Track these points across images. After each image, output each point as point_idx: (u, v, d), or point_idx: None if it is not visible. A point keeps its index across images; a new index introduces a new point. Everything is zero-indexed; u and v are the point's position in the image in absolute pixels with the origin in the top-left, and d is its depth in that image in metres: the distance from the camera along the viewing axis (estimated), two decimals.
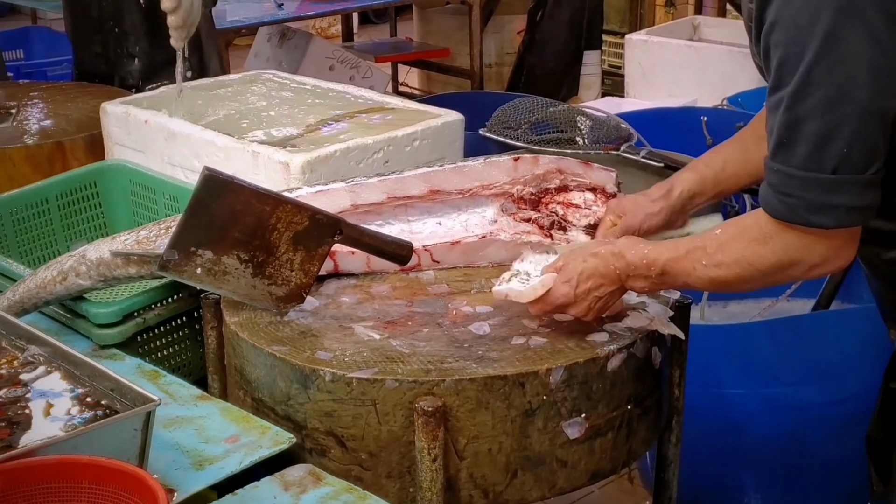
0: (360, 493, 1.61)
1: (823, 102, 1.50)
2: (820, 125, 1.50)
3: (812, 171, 1.53)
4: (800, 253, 1.60)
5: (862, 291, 2.92)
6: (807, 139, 1.52)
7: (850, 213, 1.55)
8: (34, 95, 3.20)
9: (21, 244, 2.37)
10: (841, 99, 1.49)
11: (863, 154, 1.51)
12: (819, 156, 1.52)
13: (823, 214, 1.54)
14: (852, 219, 1.56)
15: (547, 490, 1.75)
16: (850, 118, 1.49)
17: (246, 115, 2.61)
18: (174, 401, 1.81)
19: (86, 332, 1.99)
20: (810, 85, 1.50)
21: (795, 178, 1.54)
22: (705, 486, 2.75)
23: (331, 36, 8.40)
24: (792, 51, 1.51)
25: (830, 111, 1.50)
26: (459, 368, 1.69)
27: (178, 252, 1.78)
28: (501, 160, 2.03)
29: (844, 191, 1.53)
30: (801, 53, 1.49)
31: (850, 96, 1.49)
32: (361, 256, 1.97)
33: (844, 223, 1.56)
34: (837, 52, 1.48)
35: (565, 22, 6.43)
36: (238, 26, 5.26)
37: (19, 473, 1.35)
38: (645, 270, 1.71)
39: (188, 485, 1.58)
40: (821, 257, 1.60)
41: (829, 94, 1.49)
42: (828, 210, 1.54)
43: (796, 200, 1.55)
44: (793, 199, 1.55)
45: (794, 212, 1.56)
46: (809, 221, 1.56)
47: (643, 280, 1.72)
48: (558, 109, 3.82)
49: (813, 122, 1.51)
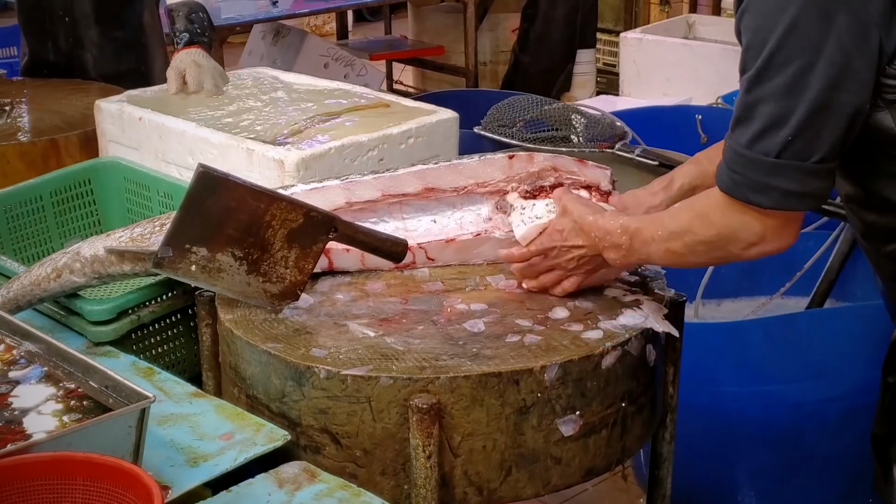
0: (354, 490, 1.61)
1: (779, 88, 1.57)
2: (772, 109, 1.58)
3: (757, 152, 1.60)
4: (738, 228, 1.67)
5: (856, 289, 2.93)
6: (759, 121, 1.59)
7: (787, 196, 1.61)
8: (28, 93, 3.20)
9: (15, 241, 2.37)
10: (795, 87, 1.56)
11: (806, 143, 1.58)
12: (766, 139, 1.59)
13: (762, 194, 1.62)
14: (790, 202, 1.63)
15: (541, 487, 1.75)
16: (801, 107, 1.56)
17: (240, 113, 2.61)
18: (168, 398, 1.81)
19: (80, 330, 1.99)
20: (769, 70, 1.57)
21: (742, 157, 1.62)
22: (699, 484, 2.75)
23: (325, 34, 8.40)
24: (757, 37, 1.58)
25: (784, 98, 1.56)
26: (454, 366, 1.69)
27: (172, 249, 1.78)
28: (496, 158, 2.03)
29: (784, 175, 1.60)
30: (765, 41, 1.56)
31: (804, 87, 1.55)
32: (356, 254, 1.97)
33: (782, 206, 1.63)
34: (798, 43, 1.54)
35: (559, 20, 6.43)
36: (232, 24, 5.25)
37: (13, 470, 1.35)
38: (617, 238, 1.78)
39: (183, 482, 1.58)
40: (756, 236, 1.67)
41: (784, 81, 1.56)
42: (766, 191, 1.61)
43: (740, 177, 1.63)
44: (737, 175, 1.63)
45: (738, 187, 1.64)
46: (749, 199, 1.64)
47: (616, 249, 1.79)
48: (553, 107, 3.83)
49: (766, 105, 1.58)
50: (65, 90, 3.19)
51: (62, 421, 1.53)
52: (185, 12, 2.82)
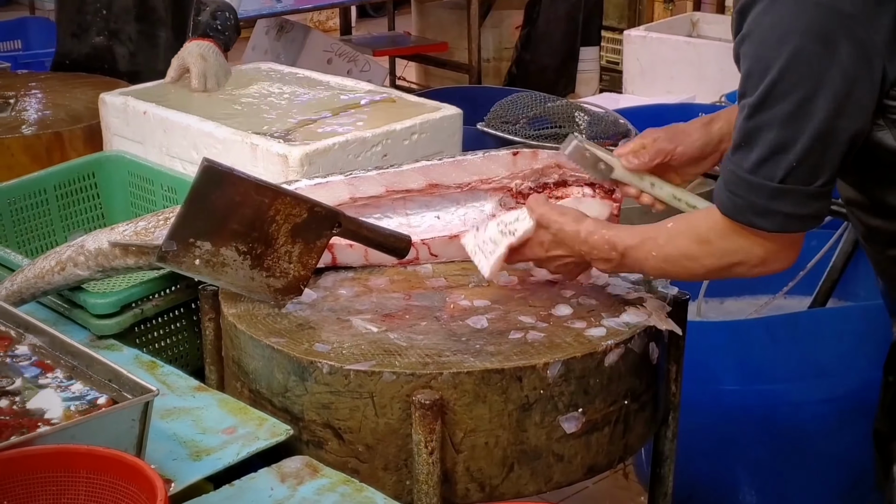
0: (356, 486, 1.61)
1: (782, 116, 1.56)
2: (776, 136, 1.57)
3: (760, 177, 1.59)
4: (741, 253, 1.68)
5: (858, 289, 2.93)
6: (762, 147, 1.58)
7: (789, 219, 1.61)
8: (32, 86, 3.19)
9: (19, 234, 2.38)
10: (798, 116, 1.55)
11: (810, 169, 1.58)
12: (770, 165, 1.58)
13: (765, 219, 1.62)
14: (792, 225, 1.63)
15: (543, 484, 1.75)
16: (804, 135, 1.55)
17: (245, 107, 2.61)
18: (171, 392, 1.81)
19: (83, 323, 1.99)
20: (771, 98, 1.56)
21: (744, 181, 1.61)
22: (700, 482, 2.75)
23: (329, 29, 8.39)
24: (758, 65, 1.57)
25: (787, 125, 1.56)
26: (457, 362, 1.69)
27: (176, 243, 1.78)
28: (500, 154, 2.03)
29: (787, 199, 1.59)
30: (767, 69, 1.56)
31: (807, 115, 1.55)
32: (359, 249, 1.97)
33: (785, 228, 1.63)
34: (800, 73, 1.54)
35: (562, 17, 6.43)
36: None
37: (16, 462, 1.35)
38: (606, 254, 1.77)
39: (185, 475, 1.59)
40: (759, 259, 1.67)
41: (788, 109, 1.55)
42: (770, 215, 1.61)
43: (742, 201, 1.62)
44: (739, 198, 1.62)
45: (740, 211, 1.63)
46: (753, 223, 1.63)
47: (605, 262, 1.78)
48: (556, 105, 3.83)
49: (769, 132, 1.57)
50: (70, 84, 3.19)
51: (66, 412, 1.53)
52: (213, 8, 2.81)
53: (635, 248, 1.74)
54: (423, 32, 6.95)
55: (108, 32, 3.34)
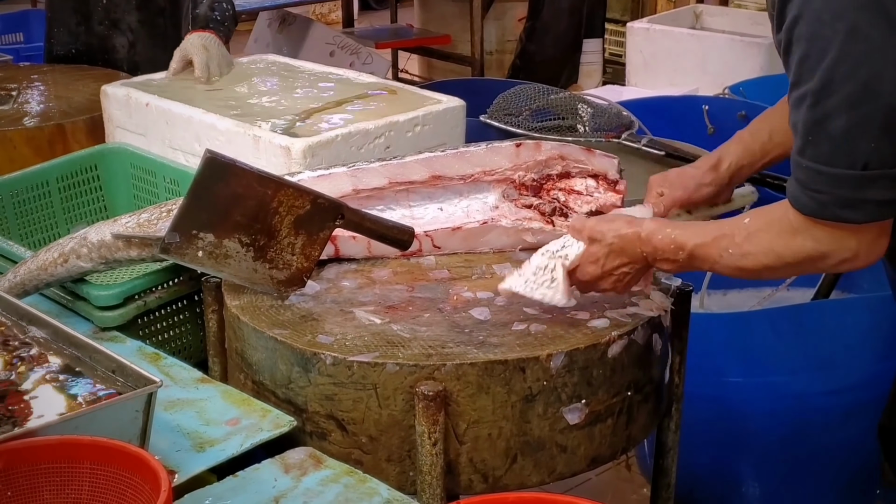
0: (360, 476, 1.61)
1: (848, 99, 1.49)
2: (846, 121, 1.50)
3: (841, 167, 1.52)
4: (830, 247, 1.59)
5: (862, 281, 2.93)
6: (834, 135, 1.51)
7: (881, 206, 1.54)
8: (35, 78, 3.20)
9: (22, 226, 2.38)
10: (866, 95, 1.48)
11: (892, 148, 1.50)
12: (848, 152, 1.51)
13: (854, 210, 1.54)
14: (884, 212, 1.55)
15: (546, 475, 1.76)
16: (877, 114, 1.49)
17: (247, 99, 2.60)
18: (175, 383, 1.81)
19: (87, 315, 1.99)
20: (834, 82, 1.49)
21: (825, 175, 1.53)
22: (703, 474, 2.75)
23: (331, 22, 8.39)
24: (815, 47, 1.50)
25: (856, 107, 1.49)
26: (460, 353, 1.69)
27: (179, 235, 1.78)
28: (504, 146, 2.03)
29: (876, 185, 1.52)
30: (825, 50, 1.49)
31: (875, 93, 1.48)
32: (362, 241, 1.97)
33: (877, 217, 1.55)
34: (861, 49, 1.47)
35: (565, 9, 6.43)
36: (238, 11, 5.23)
37: (20, 453, 1.36)
38: (672, 255, 1.70)
39: (189, 466, 1.59)
40: (851, 252, 1.59)
41: (854, 90, 1.49)
42: (859, 205, 1.53)
43: (827, 196, 1.54)
44: (823, 195, 1.54)
45: (825, 208, 1.55)
46: (840, 217, 1.55)
47: (670, 263, 1.72)
48: (560, 97, 3.82)
49: (839, 118, 1.50)
50: (72, 76, 3.19)
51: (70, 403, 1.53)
52: (210, 0, 2.81)
53: (706, 246, 1.67)
54: (425, 25, 6.95)
55: (109, 22, 3.33)
